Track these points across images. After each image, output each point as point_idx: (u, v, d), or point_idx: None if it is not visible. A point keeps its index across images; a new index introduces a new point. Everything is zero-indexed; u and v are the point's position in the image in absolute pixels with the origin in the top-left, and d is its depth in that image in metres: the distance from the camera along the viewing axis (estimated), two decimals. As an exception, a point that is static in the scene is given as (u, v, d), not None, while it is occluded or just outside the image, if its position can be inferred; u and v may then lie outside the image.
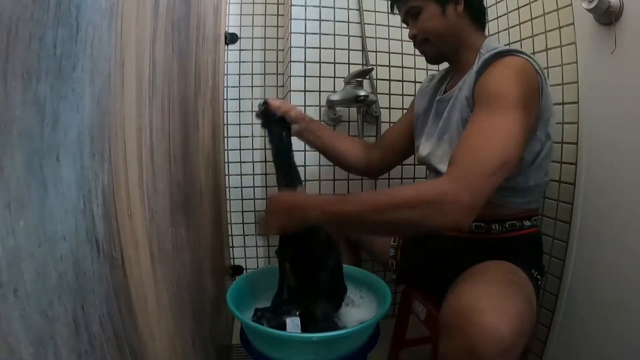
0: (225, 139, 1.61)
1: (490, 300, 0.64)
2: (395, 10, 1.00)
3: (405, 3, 0.94)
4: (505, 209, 0.87)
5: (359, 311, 1.00)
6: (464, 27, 0.90)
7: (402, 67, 1.48)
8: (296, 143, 1.42)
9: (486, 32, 1.29)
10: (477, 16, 0.92)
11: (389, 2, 1.01)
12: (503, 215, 0.87)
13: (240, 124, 1.64)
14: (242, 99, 1.63)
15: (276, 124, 1.03)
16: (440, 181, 0.71)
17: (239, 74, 1.62)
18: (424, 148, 0.97)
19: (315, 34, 1.40)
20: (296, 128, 1.08)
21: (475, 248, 0.85)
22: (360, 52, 1.44)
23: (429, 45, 0.93)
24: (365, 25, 1.42)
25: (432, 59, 0.98)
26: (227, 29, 1.58)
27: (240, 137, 1.64)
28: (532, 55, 0.80)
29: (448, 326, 0.65)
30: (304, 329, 0.88)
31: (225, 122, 1.61)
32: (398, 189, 0.82)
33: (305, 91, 1.41)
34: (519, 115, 0.72)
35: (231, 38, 1.60)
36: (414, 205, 0.67)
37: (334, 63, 1.43)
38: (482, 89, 0.79)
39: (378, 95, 1.44)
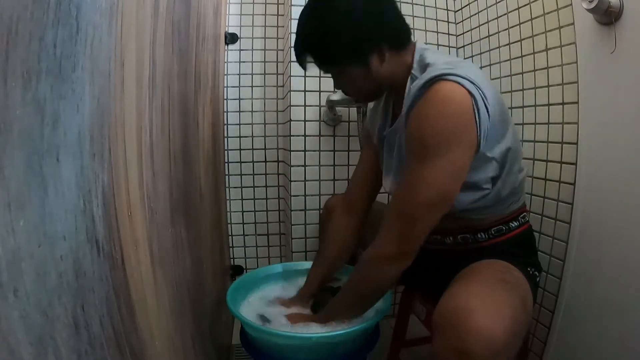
0: (225, 139, 1.61)
1: (482, 300, 0.64)
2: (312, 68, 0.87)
3: (320, 66, 0.84)
4: (488, 218, 0.85)
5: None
6: (392, 67, 0.81)
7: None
8: (295, 141, 1.43)
9: (486, 32, 1.28)
10: (403, 42, 0.82)
11: (296, 57, 0.85)
12: (487, 224, 0.85)
13: (240, 124, 1.64)
14: (242, 99, 1.63)
15: None
16: (372, 247, 0.81)
17: (239, 74, 1.62)
18: (387, 183, 0.94)
19: (315, 34, 1.40)
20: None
21: (468, 255, 0.84)
22: (360, 52, 1.44)
23: (362, 98, 0.89)
24: (365, 25, 1.42)
25: (367, 102, 0.95)
26: (227, 29, 1.58)
27: (240, 137, 1.64)
28: (466, 68, 0.72)
29: (440, 326, 0.65)
30: None
31: (225, 122, 1.61)
32: (352, 276, 0.87)
33: (305, 91, 1.41)
34: (445, 158, 0.70)
35: (231, 38, 1.60)
36: (364, 281, 0.84)
37: (334, 63, 1.42)
38: (408, 134, 0.76)
39: (378, 95, 1.44)
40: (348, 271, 1.08)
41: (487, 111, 0.71)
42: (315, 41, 0.81)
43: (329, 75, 0.88)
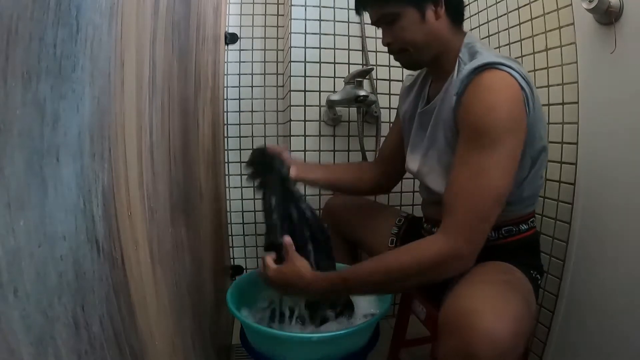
0: (225, 139, 1.61)
1: (488, 301, 0.63)
2: (364, 15, 0.89)
3: (378, 9, 0.84)
4: (501, 217, 0.83)
5: (358, 311, 1.00)
6: (444, 31, 0.83)
7: (402, 67, 1.48)
8: (295, 141, 1.43)
9: (486, 32, 1.28)
10: (457, 15, 0.85)
11: (355, 5, 0.90)
12: (499, 223, 0.84)
13: (240, 124, 1.64)
14: (242, 99, 1.63)
15: (274, 169, 0.94)
16: (438, 240, 0.72)
17: (239, 74, 1.62)
18: (412, 163, 0.94)
19: (315, 34, 1.40)
20: (294, 171, 0.97)
21: None
22: (360, 52, 1.44)
23: (407, 54, 0.85)
24: (365, 25, 1.42)
25: (410, 67, 0.93)
26: (227, 29, 1.58)
27: (240, 137, 1.64)
28: (514, 63, 0.74)
29: (446, 328, 0.65)
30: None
31: (225, 122, 1.61)
32: (397, 258, 0.74)
33: (305, 91, 1.41)
34: (506, 146, 0.70)
35: (231, 38, 1.60)
36: (419, 272, 0.72)
37: (334, 63, 1.43)
38: (464, 120, 0.75)
39: (378, 95, 1.44)
40: None
41: (533, 107, 0.73)
42: None
43: (379, 27, 0.88)
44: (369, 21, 0.91)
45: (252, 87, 1.63)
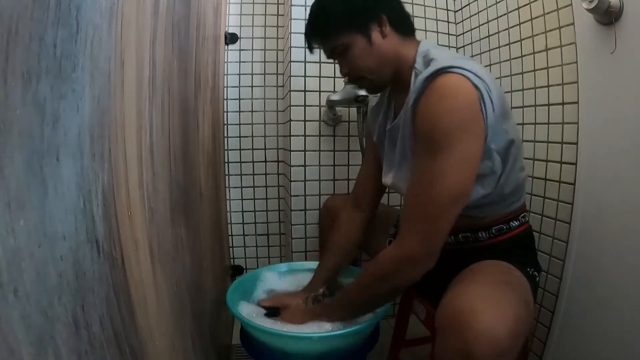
0: (225, 139, 1.61)
1: (486, 301, 0.63)
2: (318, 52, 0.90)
3: (327, 44, 0.86)
4: (489, 217, 0.85)
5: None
6: (394, 47, 0.83)
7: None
8: (295, 141, 1.42)
9: (486, 32, 1.28)
10: (404, 27, 0.85)
11: (306, 45, 0.91)
12: (488, 223, 0.85)
13: (240, 124, 1.64)
14: (242, 99, 1.63)
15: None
16: (392, 248, 0.77)
17: (239, 74, 1.62)
18: (387, 178, 0.94)
19: (315, 34, 1.40)
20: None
21: (468, 254, 0.84)
22: (360, 52, 1.44)
23: (366, 80, 0.86)
24: (365, 25, 1.42)
25: (374, 91, 0.93)
26: (227, 29, 1.58)
27: (240, 137, 1.64)
28: (468, 62, 0.74)
29: (444, 328, 0.65)
30: None
31: (225, 122, 1.61)
32: (368, 271, 0.83)
33: (305, 91, 1.41)
34: (458, 149, 0.70)
35: (231, 38, 1.60)
36: (383, 281, 0.79)
37: (334, 63, 1.42)
38: (417, 128, 0.75)
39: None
40: (350, 273, 1.09)
41: (492, 104, 0.72)
42: (319, 15, 0.86)
43: (335, 60, 0.89)
44: None
45: (252, 87, 1.63)
